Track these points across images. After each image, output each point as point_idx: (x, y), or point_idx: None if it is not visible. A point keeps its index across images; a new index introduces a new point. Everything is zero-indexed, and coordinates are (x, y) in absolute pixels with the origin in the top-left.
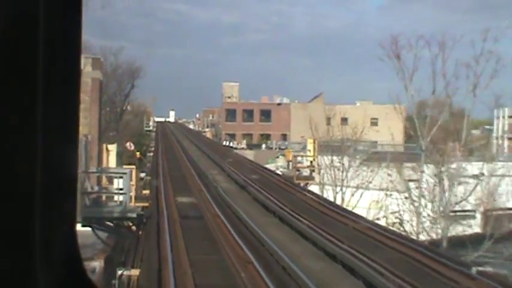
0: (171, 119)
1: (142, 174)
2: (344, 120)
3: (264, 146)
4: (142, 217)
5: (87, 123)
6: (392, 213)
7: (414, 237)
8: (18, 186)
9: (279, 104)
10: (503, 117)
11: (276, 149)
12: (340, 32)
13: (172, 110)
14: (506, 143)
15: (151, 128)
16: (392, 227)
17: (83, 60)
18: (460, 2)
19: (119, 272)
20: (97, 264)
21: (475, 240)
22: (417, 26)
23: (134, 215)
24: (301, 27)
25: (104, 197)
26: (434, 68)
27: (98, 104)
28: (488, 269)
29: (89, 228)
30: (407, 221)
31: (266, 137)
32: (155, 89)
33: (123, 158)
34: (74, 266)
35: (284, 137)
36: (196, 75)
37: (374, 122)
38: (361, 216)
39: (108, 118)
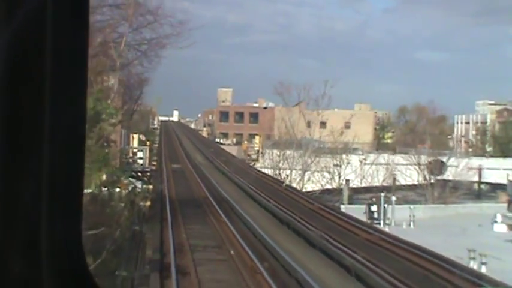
0: (175, 118)
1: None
2: (322, 123)
3: (246, 142)
4: (153, 171)
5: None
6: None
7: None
8: (24, 191)
9: (265, 108)
10: (461, 123)
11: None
12: (346, 34)
13: (176, 109)
14: (463, 144)
15: (156, 126)
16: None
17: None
18: (467, 5)
19: (142, 187)
20: None
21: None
22: (422, 28)
23: (149, 170)
24: (307, 28)
25: (131, 161)
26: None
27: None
28: (291, 184)
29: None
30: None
31: (254, 136)
32: (160, 88)
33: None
34: (80, 275)
35: (268, 136)
36: (200, 75)
37: (348, 126)
38: (266, 174)
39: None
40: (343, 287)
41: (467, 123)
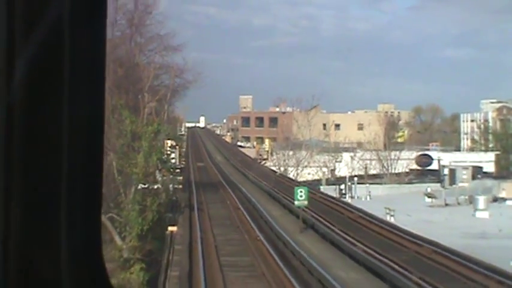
0: (201, 124)
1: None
2: (337, 125)
3: (258, 145)
4: (184, 168)
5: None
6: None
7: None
8: (43, 190)
9: (283, 113)
10: (467, 121)
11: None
12: (370, 34)
13: (202, 115)
14: (469, 142)
15: (183, 132)
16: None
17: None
18: (492, 2)
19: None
20: None
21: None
22: (448, 27)
23: (179, 166)
24: (331, 30)
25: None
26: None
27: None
28: (287, 174)
29: None
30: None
31: (273, 139)
32: (188, 94)
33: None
34: (98, 276)
35: (287, 138)
36: (225, 80)
37: (360, 127)
38: (269, 168)
39: None
40: (277, 211)
41: (472, 121)
